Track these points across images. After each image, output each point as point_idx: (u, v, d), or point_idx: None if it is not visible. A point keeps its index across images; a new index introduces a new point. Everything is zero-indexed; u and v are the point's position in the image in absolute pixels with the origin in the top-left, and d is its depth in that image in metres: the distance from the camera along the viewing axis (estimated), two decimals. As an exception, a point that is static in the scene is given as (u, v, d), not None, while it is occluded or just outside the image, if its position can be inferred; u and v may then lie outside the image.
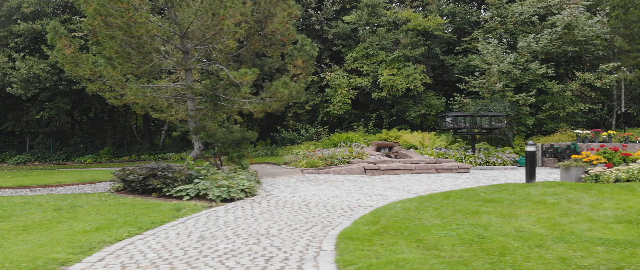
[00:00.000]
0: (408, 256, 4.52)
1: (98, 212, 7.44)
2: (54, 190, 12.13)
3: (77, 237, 5.75)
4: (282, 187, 10.34)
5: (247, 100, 11.82)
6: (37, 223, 6.64)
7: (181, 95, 12.90)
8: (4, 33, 22.93)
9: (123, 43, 10.46)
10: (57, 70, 20.69)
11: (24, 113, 25.72)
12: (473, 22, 20.94)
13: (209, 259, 4.75)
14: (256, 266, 4.48)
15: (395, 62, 18.68)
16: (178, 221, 6.75)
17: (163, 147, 25.28)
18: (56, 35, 11.10)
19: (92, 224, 6.54)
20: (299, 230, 6.04)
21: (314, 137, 19.66)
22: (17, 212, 7.62)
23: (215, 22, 10.41)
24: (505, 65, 16.77)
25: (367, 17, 19.25)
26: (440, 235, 5.35)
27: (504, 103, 16.46)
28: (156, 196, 9.00)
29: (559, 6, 18.70)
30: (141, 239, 5.71)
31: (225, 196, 8.42)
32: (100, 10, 9.64)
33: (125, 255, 4.95)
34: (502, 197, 8.05)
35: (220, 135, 12.07)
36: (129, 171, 9.68)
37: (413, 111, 18.80)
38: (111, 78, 11.12)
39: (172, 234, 5.91)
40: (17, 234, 5.99)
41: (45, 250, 5.13)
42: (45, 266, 4.53)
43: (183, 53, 11.67)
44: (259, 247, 5.18)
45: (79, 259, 4.81)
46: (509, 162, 14.87)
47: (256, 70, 10.57)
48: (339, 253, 4.80)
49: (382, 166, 12.65)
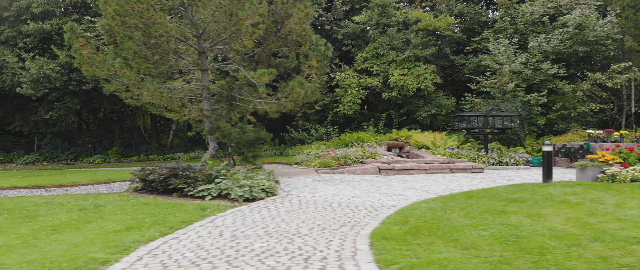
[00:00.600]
0: (448, 256, 4.54)
1: (123, 212, 7.46)
2: (69, 190, 12.17)
3: (110, 236, 5.77)
4: (300, 187, 10.35)
5: (262, 100, 11.83)
6: (65, 223, 6.66)
7: (196, 96, 12.92)
8: (13, 33, 22.97)
9: (141, 43, 10.48)
10: (67, 70, 20.73)
11: (32, 113, 25.76)
12: (482, 22, 20.95)
13: (248, 258, 4.77)
14: (297, 265, 4.50)
15: (405, 62, 18.70)
16: (206, 221, 6.78)
17: (171, 147, 25.31)
18: (73, 35, 11.11)
19: (121, 223, 6.56)
20: (329, 229, 6.06)
21: (323, 137, 19.68)
22: (41, 212, 7.65)
23: (233, 22, 10.42)
24: (517, 65, 16.78)
25: (377, 17, 19.27)
26: (475, 235, 5.37)
27: (515, 103, 16.48)
28: (177, 196, 9.02)
29: (568, 6, 18.70)
30: (174, 238, 5.73)
31: (247, 196, 8.45)
32: (120, 11, 9.65)
33: (162, 255, 4.97)
34: (524, 197, 8.06)
35: (235, 135, 12.09)
36: (149, 171, 9.71)
37: (423, 111, 18.81)
38: (127, 78, 11.14)
39: (204, 234, 5.93)
40: (48, 234, 6.01)
41: (82, 250, 5.16)
42: (87, 266, 4.55)
43: (199, 53, 11.69)
44: (294, 247, 5.20)
45: (117, 259, 4.84)
46: (521, 162, 14.88)
47: (274, 71, 10.59)
48: (377, 252, 4.82)
49: (396, 166, 12.66)
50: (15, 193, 11.90)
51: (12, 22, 23.04)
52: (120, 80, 11.35)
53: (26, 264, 4.65)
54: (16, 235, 5.92)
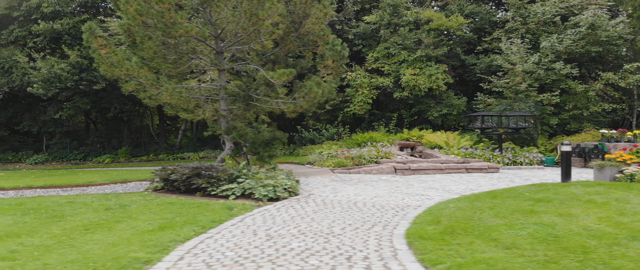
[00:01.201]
0: (493, 255, 4.54)
1: (151, 212, 7.47)
2: (85, 190, 12.21)
3: (145, 236, 5.78)
4: (319, 187, 10.36)
5: (279, 100, 11.84)
6: (95, 223, 6.67)
7: (212, 96, 12.93)
8: (23, 33, 23.00)
9: (160, 43, 10.50)
10: (78, 70, 20.76)
11: (41, 113, 25.80)
12: (493, 22, 20.95)
13: (290, 257, 4.77)
14: (341, 265, 4.51)
15: (417, 62, 18.70)
16: (236, 220, 6.79)
17: (180, 146, 25.33)
18: (92, 35, 11.13)
19: (152, 223, 6.57)
20: (361, 229, 6.06)
21: (334, 137, 19.68)
22: (67, 212, 7.66)
23: (252, 22, 10.43)
24: (530, 65, 16.78)
25: (389, 17, 19.27)
26: (512, 234, 5.37)
27: (528, 103, 16.48)
28: (200, 195, 9.04)
29: (579, 6, 18.69)
30: (209, 237, 5.74)
31: (271, 195, 8.46)
32: (141, 10, 9.67)
33: (203, 254, 4.98)
34: (549, 197, 8.06)
35: (251, 135, 12.11)
36: (170, 171, 9.72)
37: (435, 111, 18.82)
38: (145, 78, 11.15)
39: (237, 233, 5.94)
40: (81, 233, 6.03)
41: (121, 249, 5.17)
42: (131, 265, 4.56)
43: (217, 53, 11.70)
44: (332, 246, 5.21)
45: (159, 258, 4.85)
46: (535, 161, 14.88)
47: (293, 71, 10.60)
48: (419, 252, 4.82)
49: (412, 166, 12.67)
50: (31, 193, 11.92)
51: (21, 21, 23.07)
52: (138, 80, 11.36)
53: (69, 263, 4.67)
54: (50, 235, 5.93)
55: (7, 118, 26.61)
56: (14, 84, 22.73)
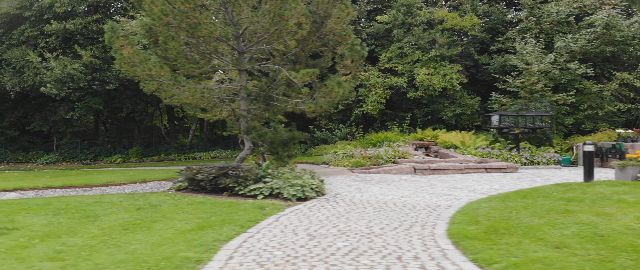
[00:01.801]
0: (546, 254, 4.55)
1: (183, 211, 7.48)
2: (105, 190, 12.23)
3: (187, 236, 5.79)
4: (343, 187, 10.37)
5: (300, 100, 11.84)
6: (131, 223, 6.68)
7: (229, 96, 12.93)
8: (34, 33, 23.02)
9: (183, 44, 10.51)
10: (90, 70, 20.78)
11: (52, 113, 25.83)
12: (506, 22, 20.93)
13: (340, 257, 4.78)
14: (394, 265, 4.51)
15: (431, 62, 18.70)
16: (271, 219, 6.80)
17: (190, 146, 25.36)
18: (114, 35, 11.12)
19: (189, 223, 6.58)
20: (400, 229, 6.06)
21: (347, 137, 19.68)
22: (99, 212, 7.67)
23: (275, 22, 10.44)
24: (545, 65, 16.78)
25: (403, 17, 19.27)
26: (557, 234, 5.37)
27: (544, 102, 16.47)
28: (227, 195, 9.05)
29: (593, 6, 18.68)
30: (250, 237, 5.75)
31: (299, 195, 8.47)
32: (166, 10, 9.68)
33: (251, 254, 4.99)
34: (578, 197, 8.05)
35: (270, 135, 12.11)
36: (196, 170, 9.74)
37: (449, 111, 18.81)
38: (167, 79, 11.16)
39: (277, 233, 5.94)
40: (121, 233, 6.03)
41: (167, 249, 5.17)
42: (185, 265, 4.57)
43: (238, 53, 11.70)
44: (377, 246, 5.21)
45: (209, 258, 4.85)
46: (552, 161, 14.88)
47: (316, 71, 10.60)
48: (468, 252, 4.83)
49: (431, 166, 12.67)
50: (51, 193, 11.95)
51: (33, 21, 23.09)
52: (159, 80, 11.37)
53: (121, 263, 4.67)
54: (90, 235, 5.94)
55: (18, 118, 26.65)
56: (25, 84, 22.76)
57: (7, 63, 23.43)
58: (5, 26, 24.47)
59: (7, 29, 24.51)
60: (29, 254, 5.07)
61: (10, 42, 24.11)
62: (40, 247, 5.39)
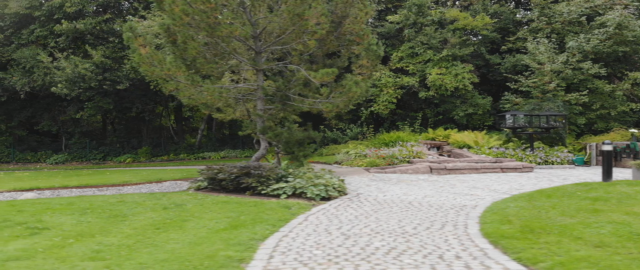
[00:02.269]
0: (589, 253, 4.55)
1: (211, 210, 7.50)
2: (121, 190, 12.24)
3: (222, 235, 5.80)
4: (363, 186, 10.37)
5: (317, 100, 11.85)
6: (161, 222, 6.69)
7: (246, 95, 12.95)
8: (44, 32, 23.06)
9: (203, 44, 10.53)
10: (101, 70, 20.80)
11: (61, 112, 25.86)
12: (516, 22, 20.94)
13: (381, 256, 4.79)
14: (438, 264, 4.53)
15: (442, 62, 18.71)
16: (300, 219, 6.81)
17: (199, 146, 25.38)
18: (132, 35, 11.14)
19: (219, 222, 6.59)
20: (433, 229, 6.07)
21: (358, 137, 19.68)
22: (125, 211, 7.68)
23: (294, 22, 10.45)
24: (558, 65, 16.78)
25: (415, 17, 19.28)
26: (593, 233, 5.38)
27: (557, 102, 16.47)
28: (250, 194, 9.06)
29: (603, 6, 18.67)
30: (285, 236, 5.76)
31: (323, 195, 8.48)
32: (187, 10, 9.70)
33: (290, 253, 5.00)
34: (603, 196, 8.04)
35: (286, 135, 12.12)
36: (217, 170, 9.75)
37: (460, 110, 18.81)
38: (186, 78, 11.17)
39: (310, 232, 5.96)
40: (154, 233, 6.05)
41: (206, 248, 5.19)
42: (229, 264, 4.59)
43: (255, 53, 11.71)
44: (415, 245, 5.22)
45: (250, 257, 4.87)
46: (566, 161, 14.87)
47: (335, 71, 10.62)
48: (509, 251, 4.84)
49: (447, 166, 12.67)
50: (67, 192, 11.96)
51: (43, 21, 23.13)
52: (178, 80, 11.38)
53: (164, 262, 4.69)
54: (124, 235, 5.96)
55: (26, 118, 26.70)
56: (35, 84, 22.80)
57: (17, 63, 23.48)
58: (14, 26, 24.52)
59: (16, 29, 24.56)
60: (68, 254, 5.09)
61: (20, 42, 24.16)
62: (77, 246, 5.41)
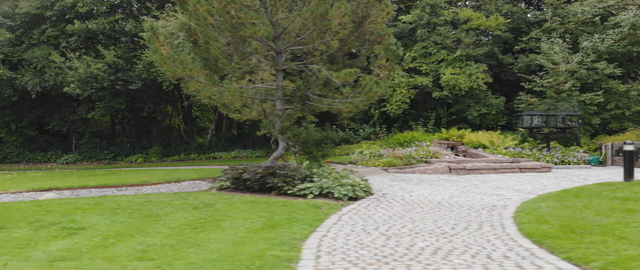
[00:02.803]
0: (638, 252, 4.55)
1: (241, 210, 7.51)
2: (140, 190, 12.23)
3: (261, 234, 5.82)
4: (386, 186, 10.38)
5: (337, 99, 11.86)
6: (195, 222, 6.70)
7: (265, 96, 12.96)
8: (55, 32, 23.10)
9: (225, 44, 10.56)
10: (114, 70, 20.84)
11: (71, 112, 25.91)
12: (529, 22, 20.93)
13: (428, 256, 4.80)
14: (489, 263, 4.54)
15: (456, 62, 18.72)
16: (334, 218, 6.82)
17: (209, 146, 25.40)
18: (153, 35, 11.16)
19: (255, 221, 6.61)
20: (471, 229, 6.07)
21: (371, 137, 19.68)
22: (156, 211, 7.70)
23: (316, 22, 10.47)
24: (574, 65, 16.78)
25: (428, 17, 19.29)
26: (636, 232, 5.39)
27: (572, 102, 16.48)
28: (275, 194, 9.07)
29: (616, 7, 18.67)
30: (325, 236, 5.77)
31: (350, 195, 8.49)
32: (212, 11, 9.72)
33: (336, 253, 5.01)
34: (631, 196, 8.04)
35: (304, 135, 12.12)
36: (242, 170, 9.78)
37: (474, 110, 18.81)
38: (207, 79, 11.20)
39: (348, 232, 5.97)
40: (193, 233, 6.06)
41: (251, 248, 5.20)
42: (280, 264, 4.60)
43: (276, 53, 11.73)
44: (460, 245, 5.23)
45: (297, 257, 4.88)
46: (582, 161, 14.86)
47: (357, 70, 10.65)
48: (557, 251, 4.85)
49: (467, 166, 12.67)
50: (87, 192, 11.97)
51: (54, 21, 23.16)
52: (199, 80, 11.40)
53: (214, 262, 4.70)
54: (163, 235, 5.97)
55: (37, 118, 26.74)
56: (46, 84, 22.85)
57: (28, 63, 23.53)
58: (25, 26, 24.58)
59: (27, 29, 24.62)
60: (113, 254, 5.10)
61: (30, 42, 24.21)
62: (120, 246, 5.42)
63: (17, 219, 7.26)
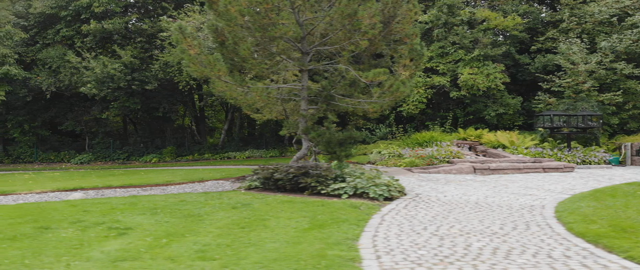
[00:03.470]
0: None
1: (281, 210, 7.54)
2: (165, 190, 12.26)
3: (313, 234, 5.85)
4: (416, 187, 10.40)
5: (362, 99, 11.89)
6: (241, 222, 6.73)
7: (290, 96, 13.00)
8: (70, 32, 23.16)
9: (255, 44, 10.60)
10: (130, 70, 20.89)
11: (85, 112, 25.98)
12: (545, 22, 20.94)
13: (489, 256, 4.83)
14: (554, 262, 4.56)
15: (473, 62, 18.73)
16: (377, 218, 6.84)
17: (222, 146, 25.46)
18: (181, 35, 11.21)
19: (300, 221, 6.64)
20: (520, 229, 6.10)
21: (387, 137, 19.71)
22: (196, 211, 7.72)
23: (344, 22, 10.50)
24: (593, 65, 16.80)
25: (446, 17, 19.31)
26: (691, 233, 5.40)
27: (591, 102, 16.49)
28: (308, 194, 9.10)
29: (633, 7, 18.67)
30: (375, 236, 5.80)
31: (386, 195, 8.51)
32: (244, 11, 9.76)
33: (395, 253, 5.04)
34: (668, 196, 8.07)
35: (328, 135, 12.15)
36: (273, 169, 9.82)
37: (491, 110, 18.83)
38: (234, 80, 11.25)
39: (397, 232, 6.00)
40: (243, 232, 6.09)
41: (308, 247, 5.23)
42: (345, 264, 4.63)
43: (302, 54, 11.76)
44: (516, 245, 5.26)
45: (359, 257, 4.90)
46: (602, 161, 14.87)
47: (386, 70, 10.69)
48: (616, 250, 4.88)
49: (491, 166, 12.69)
50: (112, 192, 12.00)
51: (69, 21, 23.22)
52: (226, 81, 11.44)
53: (278, 261, 4.74)
54: (214, 234, 6.00)
55: (50, 118, 26.82)
56: (61, 84, 22.92)
57: (43, 63, 23.60)
58: (39, 26, 24.66)
59: (41, 29, 24.70)
60: (173, 254, 5.14)
61: (44, 42, 24.28)
62: (175, 246, 5.46)
63: (58, 219, 7.30)
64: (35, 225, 6.78)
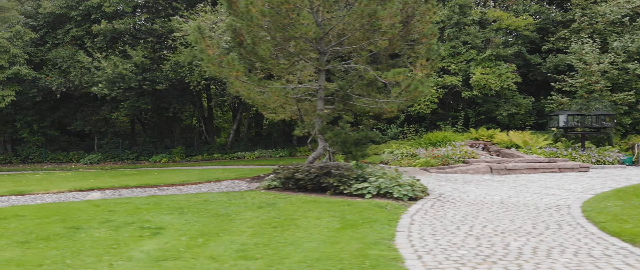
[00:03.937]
0: None
1: (307, 210, 7.57)
2: (181, 189, 12.28)
3: (347, 233, 5.88)
4: (437, 187, 10.40)
5: (379, 99, 11.91)
6: (272, 221, 6.75)
7: (306, 96, 13.02)
8: (80, 32, 23.20)
9: (274, 44, 10.63)
10: (141, 70, 20.92)
11: (93, 112, 26.02)
12: (556, 22, 20.95)
13: (531, 255, 4.86)
14: (599, 260, 4.58)
15: (485, 61, 18.75)
16: (407, 218, 6.86)
17: (231, 146, 25.48)
18: (200, 35, 11.24)
19: (331, 221, 6.67)
20: (553, 228, 6.12)
21: (399, 137, 19.72)
22: (222, 211, 7.74)
23: (363, 22, 10.52)
24: (605, 65, 16.81)
25: (458, 17, 19.33)
26: None
27: (604, 102, 16.50)
28: (330, 194, 9.12)
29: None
30: (410, 236, 5.82)
31: (410, 195, 8.53)
32: (265, 12, 9.78)
33: (435, 253, 5.07)
34: (693, 196, 8.08)
35: (343, 135, 12.18)
36: (294, 169, 9.84)
37: (503, 110, 18.85)
38: (253, 80, 11.27)
39: (430, 231, 6.01)
40: (277, 232, 6.12)
41: (348, 247, 5.26)
42: (390, 264, 4.65)
43: (319, 53, 11.78)
44: (553, 244, 5.29)
45: (399, 257, 4.92)
46: (616, 161, 14.87)
47: (405, 70, 10.70)
48: (658, 250, 4.88)
49: (508, 166, 12.70)
50: (129, 192, 12.01)
51: (79, 21, 23.27)
52: (243, 80, 11.47)
53: (321, 261, 4.76)
54: (248, 234, 6.03)
55: (59, 118, 26.86)
56: (71, 84, 22.96)
57: (53, 63, 23.64)
58: (48, 26, 24.70)
59: (50, 29, 24.74)
60: (214, 253, 5.16)
61: (54, 42, 24.33)
62: (213, 246, 5.48)
63: (85, 219, 7.33)
64: (65, 225, 6.80)
